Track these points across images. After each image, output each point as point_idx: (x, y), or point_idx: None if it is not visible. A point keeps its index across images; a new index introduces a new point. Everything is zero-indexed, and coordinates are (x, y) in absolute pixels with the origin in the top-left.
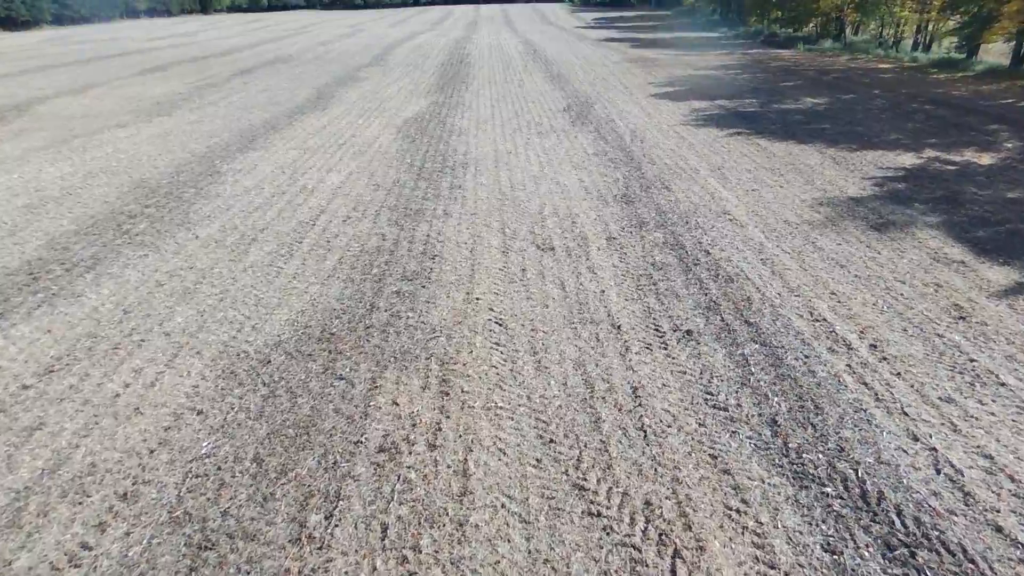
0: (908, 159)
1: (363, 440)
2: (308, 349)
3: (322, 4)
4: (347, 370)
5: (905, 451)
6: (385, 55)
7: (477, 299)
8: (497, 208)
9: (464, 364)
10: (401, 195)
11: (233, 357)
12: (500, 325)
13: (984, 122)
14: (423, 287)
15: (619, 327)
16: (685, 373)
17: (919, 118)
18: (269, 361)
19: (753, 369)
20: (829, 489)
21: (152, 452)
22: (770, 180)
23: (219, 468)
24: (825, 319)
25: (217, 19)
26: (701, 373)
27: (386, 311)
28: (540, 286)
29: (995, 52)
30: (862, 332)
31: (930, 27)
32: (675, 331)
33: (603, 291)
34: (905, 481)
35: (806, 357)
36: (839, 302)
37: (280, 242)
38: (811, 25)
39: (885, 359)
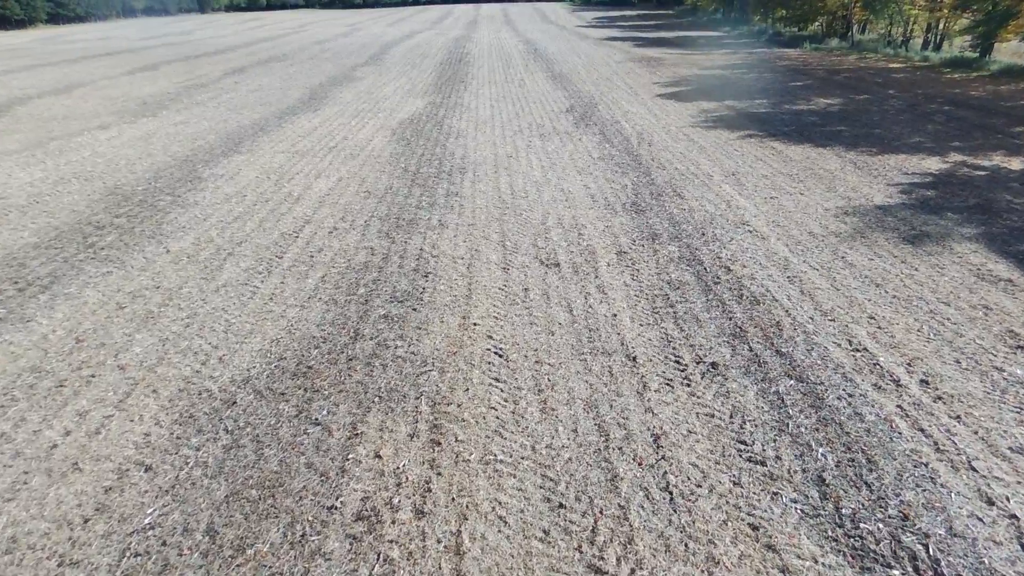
0: (933, 163)
1: (338, 505)
2: (281, 386)
3: (321, 3)
4: (324, 413)
5: (980, 519)
6: (382, 54)
7: (474, 324)
8: (497, 218)
9: (459, 405)
10: (393, 203)
11: (194, 397)
12: (500, 356)
13: (1008, 124)
14: (414, 310)
15: (635, 359)
16: (713, 416)
17: (939, 119)
18: (235, 402)
19: (791, 411)
20: (897, 573)
21: (86, 522)
22: (789, 187)
23: (164, 543)
24: (866, 348)
25: (214, 18)
26: (731, 416)
27: (372, 339)
28: (545, 309)
29: (1007, 51)
30: (910, 365)
31: (941, 25)
32: (698, 363)
33: (615, 315)
34: (987, 561)
35: (850, 396)
36: (879, 328)
37: (258, 257)
38: (817, 24)
39: (940, 398)
